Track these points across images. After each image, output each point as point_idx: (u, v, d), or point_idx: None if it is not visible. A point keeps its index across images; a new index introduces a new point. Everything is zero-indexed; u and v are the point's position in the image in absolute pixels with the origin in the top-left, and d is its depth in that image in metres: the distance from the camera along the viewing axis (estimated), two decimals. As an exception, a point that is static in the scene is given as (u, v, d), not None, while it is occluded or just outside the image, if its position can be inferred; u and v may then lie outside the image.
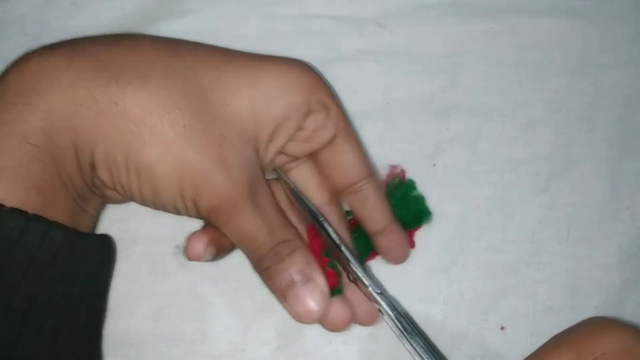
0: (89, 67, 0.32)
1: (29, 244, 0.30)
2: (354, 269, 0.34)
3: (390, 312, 0.34)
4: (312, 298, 0.33)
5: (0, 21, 0.42)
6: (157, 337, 0.39)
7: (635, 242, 0.41)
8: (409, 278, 0.40)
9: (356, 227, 0.39)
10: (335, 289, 0.34)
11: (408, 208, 0.39)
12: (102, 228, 0.38)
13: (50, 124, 0.31)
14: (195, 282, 0.39)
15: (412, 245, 0.40)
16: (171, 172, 0.32)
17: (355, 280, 0.35)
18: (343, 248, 0.35)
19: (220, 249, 0.34)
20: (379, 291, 0.34)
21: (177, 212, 0.34)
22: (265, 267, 0.33)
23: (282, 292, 0.33)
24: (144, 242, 0.40)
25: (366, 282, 0.34)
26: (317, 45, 0.43)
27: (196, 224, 0.35)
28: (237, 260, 0.36)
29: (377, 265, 0.39)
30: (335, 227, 0.36)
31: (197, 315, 0.39)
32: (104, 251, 0.35)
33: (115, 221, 0.39)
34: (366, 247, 0.39)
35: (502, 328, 0.40)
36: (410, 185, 0.40)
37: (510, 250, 0.41)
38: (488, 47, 0.44)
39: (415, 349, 0.33)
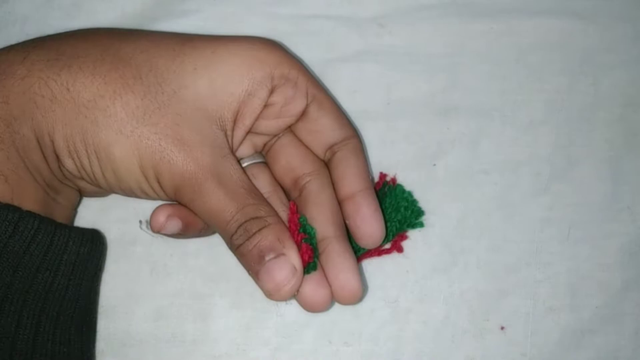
0: (43, 58, 0.33)
1: (1, 232, 0.30)
2: None
3: None
4: (282, 272, 0.32)
5: (0, 22, 0.42)
6: (157, 337, 0.39)
7: (635, 242, 0.41)
8: (409, 278, 0.40)
9: None
10: (310, 264, 0.33)
11: (399, 211, 0.39)
12: (102, 229, 0.38)
13: (8, 114, 0.32)
14: (195, 282, 0.39)
15: (399, 250, 0.39)
16: (128, 154, 0.32)
17: None
18: None
19: (190, 225, 0.34)
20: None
21: (147, 195, 0.34)
22: (237, 245, 0.33)
23: (254, 269, 0.32)
24: (144, 242, 0.40)
25: None
26: (317, 45, 0.43)
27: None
28: (237, 260, 0.36)
29: (376, 264, 0.39)
30: (319, 197, 0.35)
31: (197, 316, 0.39)
32: (90, 244, 0.34)
33: (116, 222, 0.40)
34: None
35: (503, 328, 0.40)
36: (401, 189, 0.39)
37: (510, 250, 0.41)
38: (488, 47, 0.44)
39: None
